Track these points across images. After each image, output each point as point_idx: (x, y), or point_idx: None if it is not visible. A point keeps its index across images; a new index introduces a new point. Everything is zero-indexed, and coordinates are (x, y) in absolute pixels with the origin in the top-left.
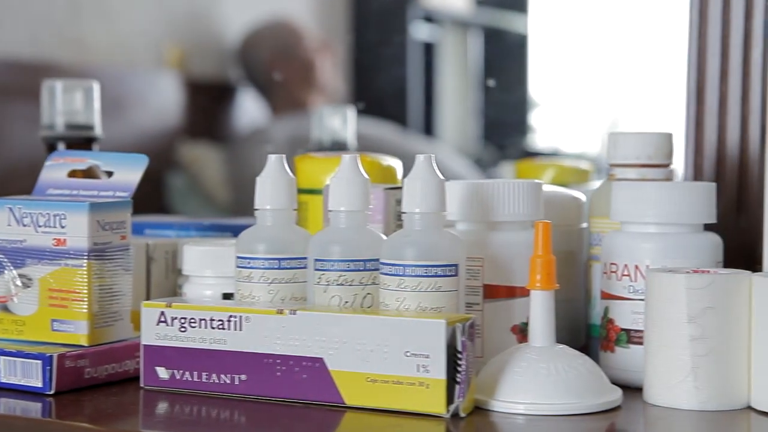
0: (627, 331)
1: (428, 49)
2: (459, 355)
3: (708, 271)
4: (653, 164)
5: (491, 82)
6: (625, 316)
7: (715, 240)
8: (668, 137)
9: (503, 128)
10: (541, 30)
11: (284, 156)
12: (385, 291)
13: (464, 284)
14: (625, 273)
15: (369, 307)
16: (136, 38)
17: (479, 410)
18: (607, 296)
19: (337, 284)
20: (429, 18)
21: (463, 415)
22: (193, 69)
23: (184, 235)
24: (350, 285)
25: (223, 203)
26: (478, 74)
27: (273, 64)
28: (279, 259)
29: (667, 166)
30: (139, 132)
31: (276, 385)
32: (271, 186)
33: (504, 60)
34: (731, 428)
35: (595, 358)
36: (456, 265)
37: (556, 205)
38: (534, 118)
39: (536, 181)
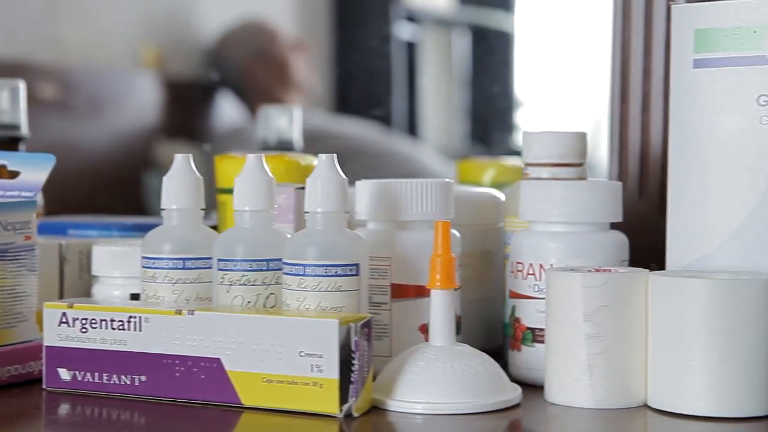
0: (532, 330)
1: (411, 48)
2: (353, 355)
3: (608, 270)
4: (565, 163)
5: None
6: (530, 315)
7: (620, 239)
8: (581, 136)
9: (489, 127)
10: (527, 28)
11: (191, 155)
12: (287, 291)
13: (367, 284)
14: (530, 272)
15: (272, 307)
16: (113, 38)
17: (377, 410)
18: (514, 295)
19: (240, 284)
20: (412, 18)
21: (356, 414)
22: (170, 69)
23: (106, 235)
24: (253, 285)
25: None
26: (463, 73)
27: (248, 65)
28: (183, 259)
29: (579, 165)
30: (116, 132)
31: (175, 385)
32: (177, 186)
33: (489, 59)
34: (627, 426)
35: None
36: (357, 265)
37: (473, 204)
38: (519, 117)
39: (446, 180)
